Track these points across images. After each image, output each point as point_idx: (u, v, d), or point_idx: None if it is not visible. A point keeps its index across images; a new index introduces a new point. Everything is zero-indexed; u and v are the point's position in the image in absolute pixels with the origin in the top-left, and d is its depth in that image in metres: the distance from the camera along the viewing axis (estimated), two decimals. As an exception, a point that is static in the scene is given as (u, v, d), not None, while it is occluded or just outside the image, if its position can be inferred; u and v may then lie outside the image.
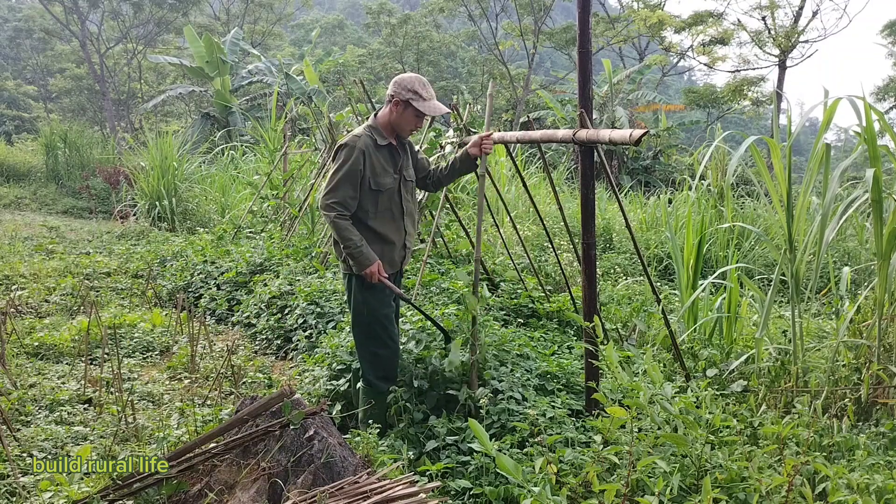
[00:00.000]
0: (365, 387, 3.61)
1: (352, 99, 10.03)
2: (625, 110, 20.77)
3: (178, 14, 30.65)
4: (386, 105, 3.49)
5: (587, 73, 3.30)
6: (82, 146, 15.84)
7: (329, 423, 2.96)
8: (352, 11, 71.81)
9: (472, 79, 33.63)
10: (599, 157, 3.44)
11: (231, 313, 6.25)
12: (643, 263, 3.80)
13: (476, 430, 2.51)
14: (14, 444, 3.26)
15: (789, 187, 3.85)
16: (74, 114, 32.82)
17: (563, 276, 5.45)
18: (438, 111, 3.46)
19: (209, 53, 20.77)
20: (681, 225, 8.32)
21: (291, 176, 9.86)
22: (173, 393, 4.31)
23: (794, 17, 23.34)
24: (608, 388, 3.29)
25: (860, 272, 6.79)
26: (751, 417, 3.23)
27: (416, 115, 3.46)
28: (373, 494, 2.50)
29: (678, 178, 17.52)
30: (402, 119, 3.46)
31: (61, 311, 6.04)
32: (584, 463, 2.74)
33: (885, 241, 3.66)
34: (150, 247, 9.04)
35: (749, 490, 2.46)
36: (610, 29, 30.23)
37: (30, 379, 4.25)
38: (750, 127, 36.79)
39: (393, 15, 34.29)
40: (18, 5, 45.96)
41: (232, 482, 2.74)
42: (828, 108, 3.79)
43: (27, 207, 13.94)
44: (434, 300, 4.94)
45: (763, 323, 3.94)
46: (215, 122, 21.47)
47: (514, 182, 10.75)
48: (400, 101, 3.40)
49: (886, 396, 3.49)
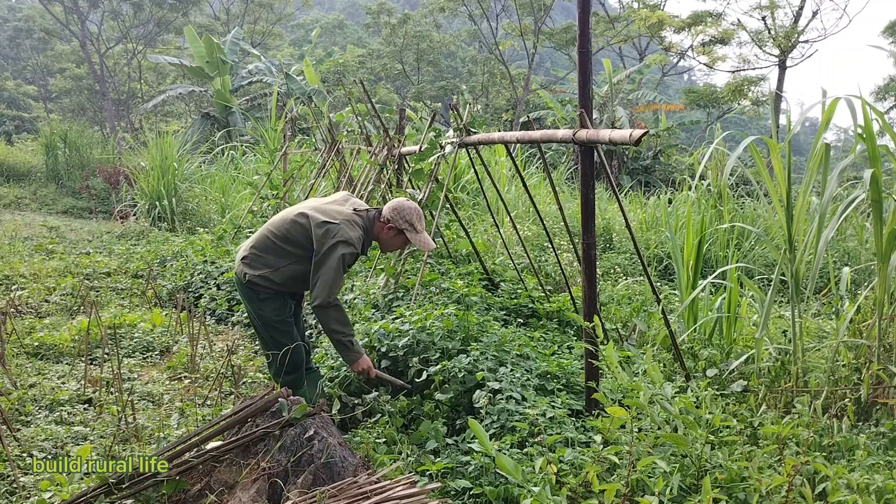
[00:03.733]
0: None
1: (352, 99, 10.03)
2: (625, 110, 20.77)
3: (178, 14, 30.65)
4: (381, 223, 3.75)
5: (587, 73, 3.30)
6: (82, 146, 15.84)
7: (329, 423, 2.96)
8: (352, 11, 71.78)
9: (473, 79, 33.61)
10: (599, 157, 3.44)
11: (231, 313, 6.25)
12: (643, 263, 3.80)
13: (476, 430, 2.51)
14: (14, 444, 3.26)
15: (789, 187, 3.85)
16: (74, 114, 32.81)
17: (563, 276, 5.45)
18: (428, 246, 3.78)
19: (209, 53, 20.76)
20: (681, 225, 8.32)
21: (291, 176, 9.87)
22: (173, 393, 4.31)
23: (794, 17, 23.34)
24: (608, 388, 3.29)
25: (860, 272, 6.79)
26: (751, 417, 3.23)
27: (404, 243, 3.83)
28: (373, 494, 2.50)
29: (678, 178, 17.51)
30: (391, 241, 3.81)
31: (61, 311, 6.04)
32: (584, 463, 2.74)
33: (885, 241, 3.66)
34: (150, 247, 9.04)
35: (749, 490, 2.46)
36: (610, 29, 30.24)
37: (30, 379, 4.25)
38: (750, 127, 36.79)
39: (393, 15, 34.27)
40: (18, 5, 45.96)
41: (232, 482, 2.74)
42: (826, 108, 3.79)
43: (27, 207, 13.94)
44: (434, 300, 4.94)
45: (763, 323, 3.94)
46: (215, 122, 21.46)
47: (514, 182, 10.75)
48: (395, 227, 3.70)
49: (886, 396, 3.49)
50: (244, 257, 3.75)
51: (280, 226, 3.73)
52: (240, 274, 3.74)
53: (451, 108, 5.43)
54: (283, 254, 3.69)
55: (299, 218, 3.68)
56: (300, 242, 3.67)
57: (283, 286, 3.74)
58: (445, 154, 5.40)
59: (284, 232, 3.69)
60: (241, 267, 3.75)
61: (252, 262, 3.71)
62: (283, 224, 3.72)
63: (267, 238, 3.73)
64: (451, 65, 38.84)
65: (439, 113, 26.93)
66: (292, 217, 3.71)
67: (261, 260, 3.70)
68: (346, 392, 3.97)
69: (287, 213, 3.80)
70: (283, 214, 3.80)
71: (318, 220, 3.59)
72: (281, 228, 3.71)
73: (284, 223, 3.72)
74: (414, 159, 6.01)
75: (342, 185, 8.28)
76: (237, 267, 3.79)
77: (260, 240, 3.75)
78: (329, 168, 9.08)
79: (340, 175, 8.61)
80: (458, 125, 5.28)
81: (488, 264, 6.48)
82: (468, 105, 5.60)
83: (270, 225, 3.78)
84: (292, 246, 3.68)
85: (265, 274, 3.68)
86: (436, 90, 32.75)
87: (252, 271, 3.68)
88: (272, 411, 2.87)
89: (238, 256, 3.82)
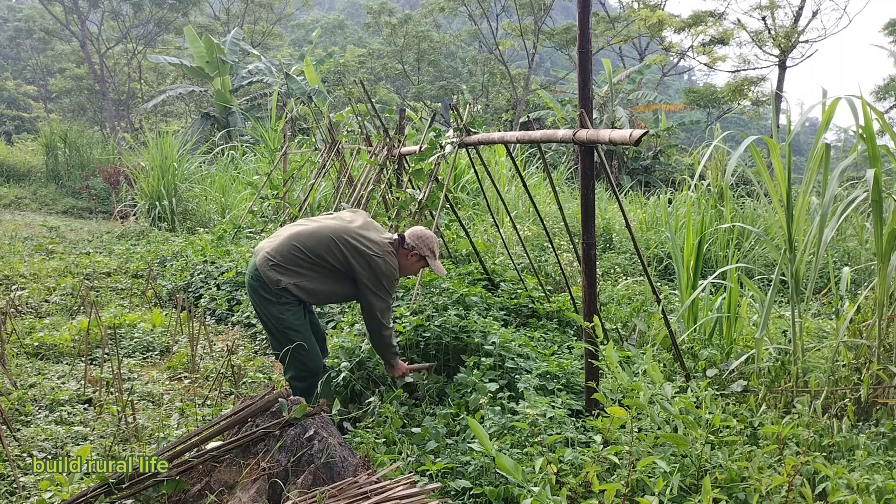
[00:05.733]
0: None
1: (352, 99, 10.04)
2: (625, 110, 20.76)
3: (178, 14, 30.64)
4: (405, 250, 3.94)
5: (587, 73, 3.30)
6: (82, 146, 15.84)
7: (329, 424, 2.96)
8: (352, 11, 71.78)
9: (473, 78, 33.62)
10: (599, 157, 3.44)
11: (231, 313, 6.25)
12: (643, 263, 3.80)
13: (476, 430, 2.51)
14: (14, 444, 3.26)
15: (789, 187, 3.85)
16: (74, 114, 32.81)
17: (563, 276, 5.45)
18: (442, 272, 4.05)
19: (209, 53, 20.76)
20: (681, 225, 8.32)
21: (291, 176, 9.87)
22: (173, 393, 4.31)
23: (794, 17, 23.35)
24: (608, 388, 3.29)
25: (860, 272, 6.79)
26: (751, 417, 3.23)
27: (422, 268, 4.07)
28: (373, 494, 2.50)
29: (678, 178, 17.53)
30: (412, 266, 4.01)
31: (61, 311, 6.04)
32: (584, 463, 2.74)
33: (885, 241, 3.66)
34: (150, 247, 9.04)
35: (749, 490, 2.46)
36: (610, 29, 30.24)
37: (30, 379, 4.25)
38: (750, 127, 36.76)
39: (393, 15, 34.26)
40: (18, 5, 45.96)
41: (232, 482, 2.74)
42: (827, 108, 3.79)
43: (27, 207, 13.94)
44: (434, 300, 4.94)
45: (763, 323, 3.94)
46: (215, 122, 21.46)
47: (514, 182, 10.76)
48: (418, 254, 3.93)
49: (886, 396, 3.49)
50: (275, 264, 3.67)
51: (312, 243, 3.72)
52: (270, 279, 3.66)
53: (451, 108, 5.43)
54: (314, 268, 3.73)
55: (338, 244, 3.72)
56: (333, 265, 3.74)
57: (311, 297, 3.80)
58: (445, 154, 5.40)
59: (321, 251, 3.72)
60: (272, 272, 3.66)
61: (284, 271, 3.68)
62: (319, 243, 3.72)
63: (295, 249, 3.71)
64: (451, 65, 38.86)
65: (439, 113, 26.97)
66: (329, 238, 3.73)
67: (292, 271, 3.69)
68: (346, 394, 4.00)
69: (318, 230, 3.78)
70: (313, 230, 3.78)
71: (360, 251, 3.73)
72: (315, 247, 3.72)
73: (320, 243, 3.72)
74: (414, 159, 6.01)
75: (342, 185, 8.28)
76: (268, 271, 3.67)
77: (286, 250, 3.70)
78: (329, 168, 9.09)
79: (340, 175, 8.61)
80: (458, 125, 5.28)
81: (488, 264, 6.48)
82: (468, 105, 5.60)
83: (297, 240, 3.73)
84: (323, 264, 3.74)
85: (300, 283, 3.70)
86: (436, 90, 32.76)
87: (287, 279, 3.66)
88: (272, 411, 2.87)
89: (263, 260, 3.70)
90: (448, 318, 4.41)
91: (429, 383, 4.03)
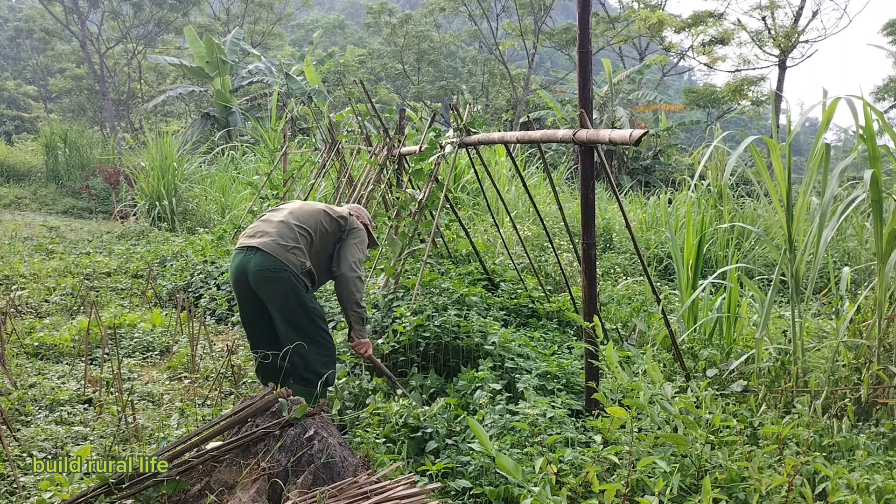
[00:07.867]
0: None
1: (352, 99, 10.03)
2: (625, 110, 20.76)
3: (178, 14, 30.62)
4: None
5: (587, 73, 3.30)
6: (82, 146, 15.84)
7: (329, 424, 2.96)
8: (352, 11, 71.78)
9: (473, 79, 33.61)
10: (599, 157, 3.44)
11: (231, 313, 6.25)
12: (643, 263, 3.80)
13: (476, 430, 2.51)
14: (14, 444, 3.26)
15: (789, 187, 3.85)
16: (74, 114, 32.79)
17: (563, 276, 5.45)
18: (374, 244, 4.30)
19: (209, 53, 20.75)
20: (681, 225, 8.32)
21: (291, 176, 9.86)
22: (173, 393, 4.31)
23: (794, 17, 23.36)
24: (608, 388, 3.29)
25: (860, 272, 6.78)
26: (751, 417, 3.23)
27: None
28: (373, 494, 2.50)
29: (678, 178, 17.52)
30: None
31: (61, 311, 6.04)
32: (584, 463, 2.74)
33: (885, 241, 3.66)
34: (150, 247, 9.04)
35: (749, 490, 2.46)
36: (610, 29, 30.23)
37: (30, 379, 4.25)
38: (750, 127, 36.74)
39: (393, 15, 34.25)
40: (18, 5, 45.97)
41: (232, 482, 2.74)
42: (827, 108, 3.79)
43: (27, 207, 13.94)
44: (434, 300, 4.94)
45: (763, 323, 3.94)
46: (215, 122, 21.45)
47: (514, 182, 10.76)
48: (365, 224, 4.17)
49: (886, 396, 3.49)
50: (293, 248, 3.66)
51: (310, 220, 3.86)
52: (294, 264, 3.63)
53: (451, 108, 5.43)
54: (311, 244, 3.84)
55: (326, 213, 3.93)
56: (328, 236, 3.91)
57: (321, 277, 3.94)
58: (445, 154, 5.40)
59: (318, 226, 3.86)
60: (293, 256, 3.64)
61: (299, 254, 3.70)
62: (313, 217, 3.88)
63: (299, 228, 3.80)
64: (451, 65, 38.85)
65: (439, 113, 26.94)
66: (321, 209, 3.94)
67: (303, 252, 3.75)
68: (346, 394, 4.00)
69: (304, 204, 3.97)
70: (301, 205, 3.96)
71: (340, 214, 3.98)
72: (314, 225, 3.86)
73: (313, 217, 3.88)
74: (414, 159, 6.00)
75: (342, 185, 8.28)
76: (291, 258, 3.63)
77: (287, 230, 3.74)
78: (329, 168, 9.08)
79: (340, 175, 8.60)
80: (458, 125, 5.28)
81: (488, 264, 6.48)
82: (468, 105, 5.60)
83: (294, 218, 3.82)
84: (321, 239, 3.88)
85: (311, 262, 3.81)
86: (436, 90, 32.75)
87: (308, 261, 3.74)
88: (272, 411, 2.87)
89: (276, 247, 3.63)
90: (448, 318, 4.41)
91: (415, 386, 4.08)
